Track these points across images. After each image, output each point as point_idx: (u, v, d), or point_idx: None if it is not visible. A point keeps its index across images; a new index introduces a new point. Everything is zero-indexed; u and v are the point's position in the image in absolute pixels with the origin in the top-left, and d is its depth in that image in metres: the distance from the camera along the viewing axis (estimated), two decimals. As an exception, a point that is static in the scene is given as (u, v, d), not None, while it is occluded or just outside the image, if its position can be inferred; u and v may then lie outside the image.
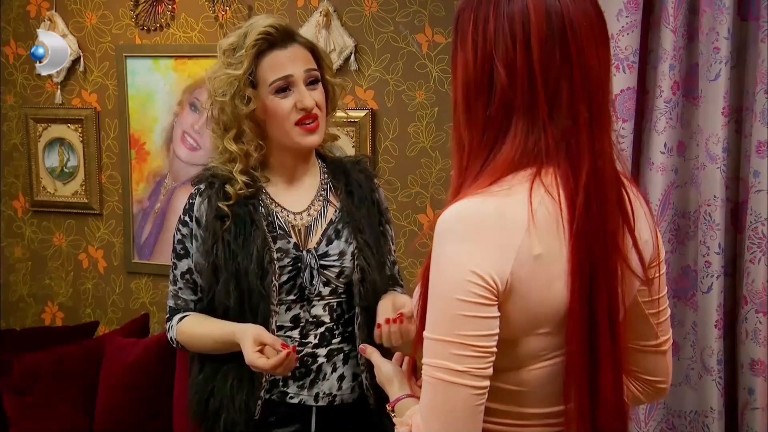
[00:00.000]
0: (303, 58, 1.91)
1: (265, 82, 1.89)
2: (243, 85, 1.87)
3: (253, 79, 1.89)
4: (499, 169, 1.20)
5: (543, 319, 1.22)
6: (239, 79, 1.86)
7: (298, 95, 1.89)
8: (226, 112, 1.90)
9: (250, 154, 1.92)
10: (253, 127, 1.91)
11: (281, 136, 1.92)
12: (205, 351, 1.96)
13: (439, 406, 1.18)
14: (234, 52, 1.90)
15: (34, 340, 3.35)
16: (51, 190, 3.66)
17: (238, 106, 1.88)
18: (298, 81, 1.89)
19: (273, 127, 1.91)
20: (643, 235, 1.30)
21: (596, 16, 1.23)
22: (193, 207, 1.95)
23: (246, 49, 1.87)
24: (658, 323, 1.39)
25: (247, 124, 1.90)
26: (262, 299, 1.87)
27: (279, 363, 1.75)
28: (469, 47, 1.23)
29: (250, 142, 1.91)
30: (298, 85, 1.89)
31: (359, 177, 2.04)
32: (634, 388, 1.44)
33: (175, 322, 1.98)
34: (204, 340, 1.94)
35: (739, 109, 2.33)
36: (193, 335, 1.95)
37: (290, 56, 1.90)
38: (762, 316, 2.24)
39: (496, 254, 1.16)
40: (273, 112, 1.89)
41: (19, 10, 3.61)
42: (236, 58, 1.88)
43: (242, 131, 1.91)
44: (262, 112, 1.91)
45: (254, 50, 1.87)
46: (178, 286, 1.98)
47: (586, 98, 1.20)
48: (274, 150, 1.96)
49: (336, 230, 1.98)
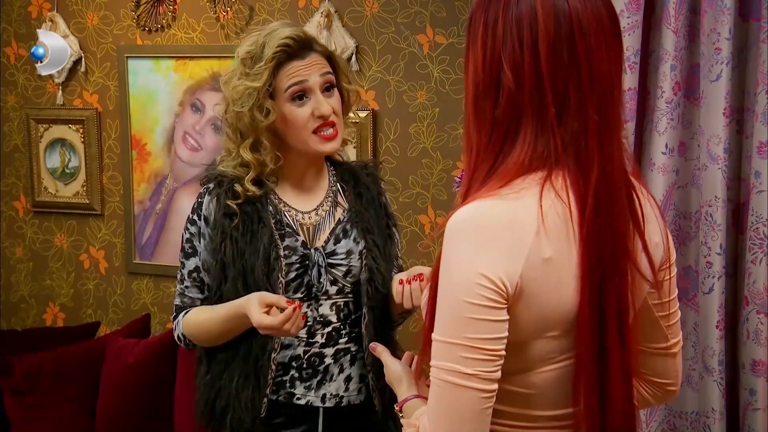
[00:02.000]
0: (320, 65, 1.92)
1: (281, 90, 1.89)
2: (262, 97, 1.87)
3: (272, 90, 1.90)
4: (509, 172, 1.20)
5: (552, 322, 1.22)
6: (258, 90, 1.87)
7: (315, 103, 1.89)
8: (244, 122, 1.90)
9: (265, 164, 1.93)
10: (272, 138, 1.91)
11: (300, 145, 1.92)
12: (214, 338, 1.94)
13: (447, 409, 1.18)
14: (252, 62, 1.89)
15: (35, 341, 3.35)
16: (52, 191, 3.66)
17: (257, 117, 1.88)
18: (314, 88, 1.90)
19: (291, 135, 1.92)
20: (654, 238, 1.30)
21: (608, 18, 1.22)
22: (201, 206, 1.95)
23: (265, 62, 1.87)
24: (668, 326, 1.39)
25: (265, 136, 1.90)
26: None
27: (286, 318, 1.76)
28: (479, 49, 1.23)
29: (267, 153, 1.92)
30: (314, 93, 1.90)
31: (367, 180, 2.06)
32: (644, 391, 1.44)
33: (181, 317, 1.98)
34: (211, 325, 1.92)
35: (741, 110, 2.34)
36: (199, 323, 1.94)
37: (307, 65, 1.90)
38: (763, 317, 2.24)
39: (506, 257, 1.16)
40: (291, 121, 1.90)
41: (21, 10, 3.61)
42: (255, 70, 1.88)
43: (259, 141, 1.91)
44: (281, 122, 1.91)
45: (273, 63, 1.88)
46: (185, 284, 1.98)
47: (595, 101, 1.20)
48: (290, 156, 1.96)
49: (344, 230, 1.99)
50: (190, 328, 1.96)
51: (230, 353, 1.93)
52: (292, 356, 1.95)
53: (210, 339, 1.96)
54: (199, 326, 1.95)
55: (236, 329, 1.89)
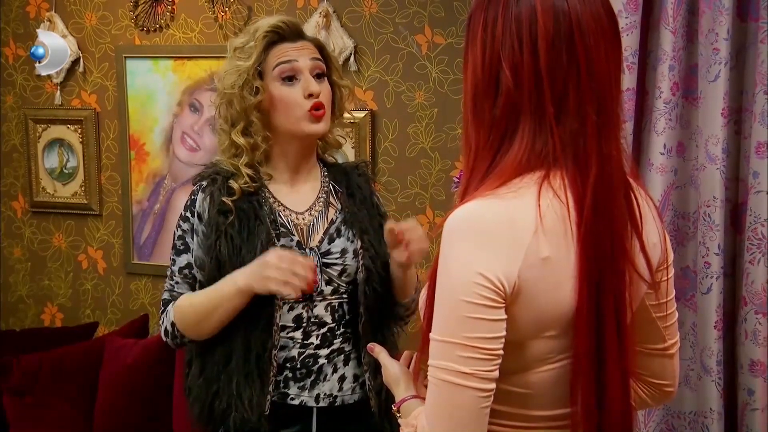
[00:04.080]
0: (310, 50, 1.95)
1: (270, 69, 1.91)
2: (251, 76, 1.89)
3: (261, 70, 1.92)
4: (506, 172, 1.20)
5: (550, 322, 1.22)
6: (248, 70, 1.89)
7: (305, 82, 1.91)
8: (234, 105, 1.91)
9: (257, 146, 1.93)
10: (261, 118, 1.92)
11: (290, 125, 1.93)
12: (206, 321, 1.88)
13: (445, 408, 1.18)
14: (244, 48, 1.93)
15: (33, 341, 3.35)
16: (50, 191, 3.66)
17: (246, 97, 1.90)
18: (303, 69, 1.92)
19: (280, 116, 1.93)
20: (651, 239, 1.30)
21: (607, 18, 1.23)
22: (194, 203, 1.95)
23: (256, 41, 1.90)
24: (665, 326, 1.39)
25: (255, 115, 1.91)
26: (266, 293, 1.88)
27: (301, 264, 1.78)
28: (478, 48, 1.23)
29: (257, 134, 1.93)
30: (304, 74, 1.92)
31: (359, 180, 2.06)
32: (641, 391, 1.45)
33: (170, 307, 1.94)
34: (206, 304, 1.87)
35: (739, 110, 2.34)
36: (192, 304, 1.90)
37: (298, 47, 1.93)
38: (761, 317, 2.24)
39: (504, 256, 1.16)
40: (280, 101, 1.91)
41: (19, 10, 3.61)
42: (246, 51, 1.92)
43: (250, 122, 1.92)
44: (269, 103, 1.92)
45: (264, 41, 1.91)
46: (175, 280, 1.96)
47: (593, 101, 1.20)
48: (279, 142, 1.97)
49: (337, 229, 1.99)
50: (182, 314, 1.91)
51: (226, 354, 1.92)
52: (287, 357, 1.94)
53: (202, 324, 1.89)
54: (193, 308, 1.90)
55: (236, 305, 1.85)
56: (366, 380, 1.98)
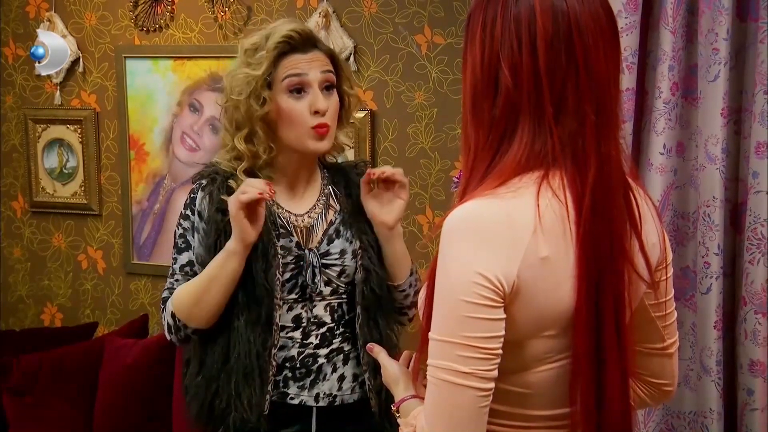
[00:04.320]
0: (321, 62, 1.92)
1: (279, 80, 1.89)
2: (260, 86, 1.87)
3: (270, 80, 1.89)
4: (505, 171, 1.20)
5: (549, 322, 1.22)
6: (257, 79, 1.87)
7: (312, 98, 1.89)
8: (240, 111, 1.90)
9: (258, 156, 1.92)
10: (265, 129, 1.91)
11: (293, 140, 1.92)
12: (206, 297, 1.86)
13: (444, 408, 1.18)
14: (255, 52, 1.90)
15: (33, 341, 3.35)
16: (50, 191, 3.66)
17: (252, 106, 1.88)
18: (313, 83, 1.90)
19: (285, 129, 1.91)
20: (650, 239, 1.30)
21: (606, 18, 1.23)
22: (194, 201, 1.95)
23: (267, 51, 1.87)
24: (664, 326, 1.39)
25: (259, 126, 1.90)
26: (267, 293, 1.87)
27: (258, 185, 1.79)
28: (477, 48, 1.24)
29: (260, 144, 1.91)
30: (313, 88, 1.90)
31: (357, 180, 2.05)
32: (640, 391, 1.45)
33: (168, 302, 1.94)
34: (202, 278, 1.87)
35: (739, 110, 2.34)
36: (188, 286, 1.89)
37: (309, 59, 1.90)
38: (761, 317, 2.24)
39: (503, 256, 1.16)
40: (287, 114, 1.89)
41: (18, 10, 3.61)
42: (256, 59, 1.89)
43: (254, 131, 1.91)
44: (275, 114, 1.90)
45: (275, 52, 1.88)
46: (175, 278, 1.95)
47: (592, 101, 1.20)
48: (282, 152, 1.96)
49: (336, 230, 1.99)
50: (180, 299, 1.90)
51: (224, 353, 1.91)
52: (286, 357, 1.94)
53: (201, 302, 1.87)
54: (194, 287, 1.88)
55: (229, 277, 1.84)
56: (365, 380, 1.98)
